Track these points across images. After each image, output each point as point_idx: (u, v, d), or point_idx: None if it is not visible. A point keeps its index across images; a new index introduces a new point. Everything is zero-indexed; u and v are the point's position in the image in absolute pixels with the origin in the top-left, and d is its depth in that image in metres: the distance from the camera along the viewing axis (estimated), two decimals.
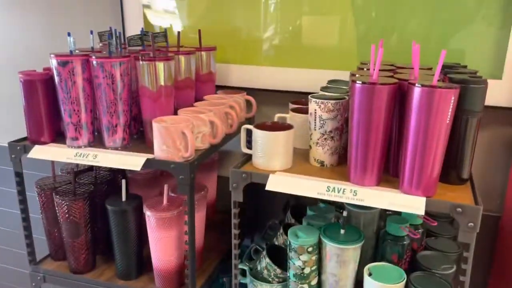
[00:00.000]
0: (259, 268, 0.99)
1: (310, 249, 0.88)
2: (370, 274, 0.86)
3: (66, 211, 1.04)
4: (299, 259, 0.88)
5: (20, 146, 1.02)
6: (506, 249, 1.07)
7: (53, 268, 1.13)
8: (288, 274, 0.92)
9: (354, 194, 0.79)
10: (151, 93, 0.97)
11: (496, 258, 1.15)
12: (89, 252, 1.10)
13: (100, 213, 1.11)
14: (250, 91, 1.25)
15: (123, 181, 1.03)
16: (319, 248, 0.89)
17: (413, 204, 0.74)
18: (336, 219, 1.02)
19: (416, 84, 0.71)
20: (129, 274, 1.08)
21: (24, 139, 1.05)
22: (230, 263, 1.00)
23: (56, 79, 0.95)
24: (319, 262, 0.90)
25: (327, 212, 1.03)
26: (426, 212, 0.75)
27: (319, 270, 0.91)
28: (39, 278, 1.13)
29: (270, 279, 0.97)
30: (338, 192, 0.80)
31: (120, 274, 1.08)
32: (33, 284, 1.13)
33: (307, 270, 0.89)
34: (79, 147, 0.99)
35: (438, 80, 0.73)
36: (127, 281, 1.08)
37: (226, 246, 1.22)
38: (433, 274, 0.86)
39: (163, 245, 1.00)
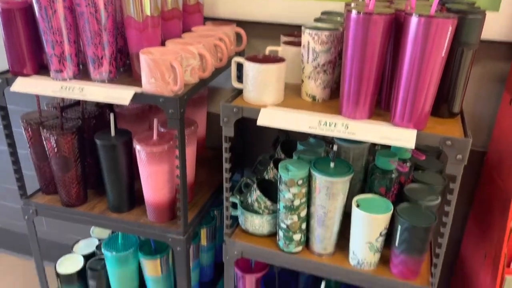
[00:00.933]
0: (249, 201, 1.01)
1: (300, 182, 0.89)
2: (358, 205, 0.88)
3: (55, 145, 1.02)
4: (289, 191, 0.90)
5: (2, 79, 0.99)
6: (488, 184, 1.10)
7: (44, 202, 1.14)
8: (278, 206, 0.94)
9: (346, 127, 0.79)
10: (137, 24, 0.93)
11: (478, 192, 1.18)
12: (80, 186, 1.10)
13: (90, 147, 1.10)
14: (240, 23, 1.20)
15: (111, 115, 1.02)
16: (309, 181, 0.91)
17: (404, 137, 0.75)
18: (326, 154, 1.03)
19: (413, 14, 0.69)
20: (121, 207, 1.09)
21: (6, 72, 1.02)
22: (221, 197, 1.02)
23: (36, 7, 0.90)
24: (309, 195, 0.92)
25: (317, 146, 1.04)
26: (416, 146, 0.76)
27: (308, 202, 0.93)
28: (31, 211, 1.14)
29: (261, 211, 1.00)
30: (330, 126, 0.80)
31: (112, 207, 1.10)
32: (26, 217, 1.15)
33: (296, 202, 0.91)
34: (64, 79, 0.96)
35: (436, 11, 0.71)
36: (120, 213, 1.09)
37: (217, 181, 1.24)
38: (419, 205, 0.89)
39: (154, 180, 1.01)
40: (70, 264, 1.27)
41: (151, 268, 1.16)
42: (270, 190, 1.02)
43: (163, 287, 1.19)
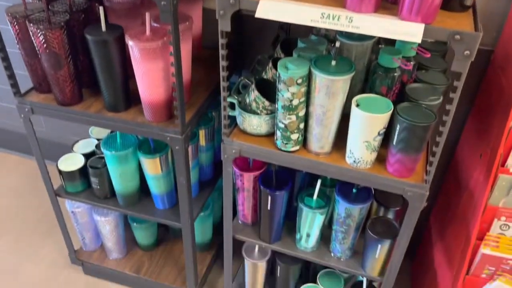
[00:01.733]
0: (247, 101, 0.99)
1: (299, 81, 0.87)
2: (357, 105, 0.87)
3: (43, 41, 0.98)
4: (288, 90, 0.88)
5: None
6: (491, 84, 1.08)
7: (39, 100, 1.12)
8: (277, 106, 0.93)
9: (350, 21, 0.74)
10: None
11: (480, 93, 1.16)
12: (74, 84, 1.08)
13: (81, 44, 1.05)
14: None
15: (101, 8, 0.95)
16: (308, 79, 0.88)
17: (410, 31, 0.71)
18: (327, 52, 0.99)
19: None
20: (117, 106, 1.08)
21: None
22: (219, 98, 1.00)
23: None
24: (308, 94, 0.90)
25: (319, 44, 0.99)
26: (422, 42, 0.72)
27: (307, 102, 0.91)
28: (26, 110, 1.13)
29: (259, 111, 0.98)
30: (333, 19, 0.75)
31: (108, 106, 1.08)
32: (22, 116, 1.14)
33: (295, 102, 0.89)
34: None
35: None
36: (116, 112, 1.08)
37: (214, 81, 1.21)
38: (419, 105, 0.87)
39: (149, 78, 0.98)
40: (71, 162, 1.30)
41: (151, 166, 1.18)
42: (269, 90, 1.00)
43: (164, 184, 1.22)
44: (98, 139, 1.38)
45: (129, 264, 1.50)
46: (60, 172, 1.28)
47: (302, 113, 0.92)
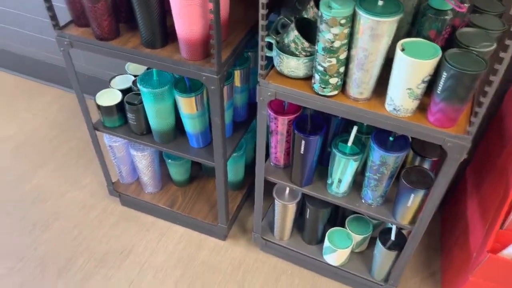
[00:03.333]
0: (286, 41, 0.96)
1: (343, 21, 0.82)
2: (403, 50, 0.82)
3: None
4: (330, 32, 0.84)
5: None
6: None
7: (77, 34, 1.12)
8: (317, 48, 0.89)
9: None
10: None
11: None
12: (112, 18, 1.06)
13: None
14: None
15: None
16: (352, 20, 0.83)
17: None
18: None
19: None
20: (154, 43, 1.07)
21: None
22: (256, 38, 0.97)
23: None
24: (350, 36, 0.86)
25: None
26: None
27: (349, 44, 0.87)
28: (66, 43, 1.13)
29: (297, 53, 0.95)
30: None
31: (145, 42, 1.07)
32: (61, 49, 1.15)
33: (337, 44, 0.86)
34: None
35: None
36: (153, 49, 1.07)
37: (252, 20, 1.17)
38: (470, 51, 0.82)
39: (187, 14, 0.95)
40: (109, 97, 1.32)
41: (186, 105, 1.18)
42: (309, 31, 0.96)
43: (198, 123, 1.23)
44: (134, 76, 1.39)
45: (164, 198, 1.56)
46: (99, 106, 1.31)
47: (343, 56, 0.89)
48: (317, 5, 0.98)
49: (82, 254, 1.49)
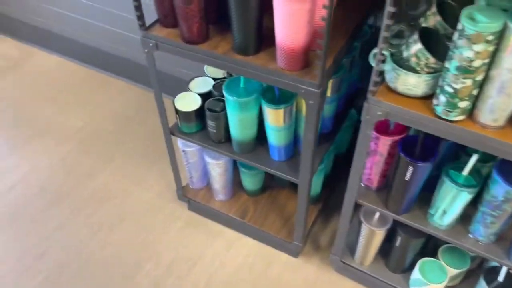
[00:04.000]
0: (405, 54, 0.83)
1: (490, 38, 0.68)
2: None
3: None
4: (471, 49, 0.70)
5: None
6: None
7: (164, 35, 1.04)
8: (448, 66, 0.76)
9: None
10: None
11: None
12: (203, 21, 0.97)
13: None
14: None
15: None
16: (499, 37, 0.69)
17: None
18: None
19: None
20: (247, 49, 0.96)
21: None
22: (355, 43, 0.85)
23: None
24: (493, 54, 0.72)
25: None
26: None
27: (490, 64, 0.73)
28: (151, 45, 1.05)
29: (419, 69, 0.82)
30: None
31: (237, 48, 0.97)
32: (146, 50, 1.07)
33: (477, 63, 0.72)
34: None
35: None
36: (245, 56, 0.97)
37: (352, 25, 1.04)
38: None
39: (293, 21, 0.84)
40: (188, 102, 1.24)
41: (274, 117, 1.08)
42: (431, 43, 0.82)
43: (284, 136, 1.13)
44: (214, 79, 1.30)
45: (234, 207, 1.48)
46: (177, 111, 1.23)
47: (480, 77, 0.74)
48: (441, 11, 0.84)
49: (149, 259, 1.44)
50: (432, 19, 0.86)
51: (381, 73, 0.86)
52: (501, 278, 1.06)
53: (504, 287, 1.06)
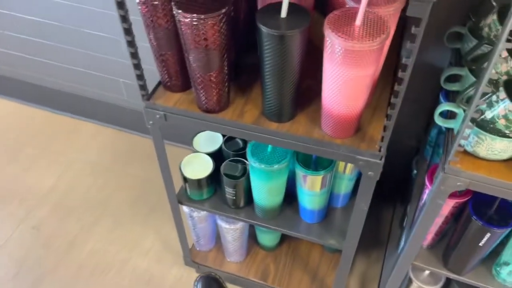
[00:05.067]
0: (489, 115, 0.69)
1: None
2: None
3: (195, 34, 0.68)
4: None
5: None
6: None
7: (174, 104, 0.84)
8: None
9: None
10: None
11: None
12: (225, 87, 0.79)
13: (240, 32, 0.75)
14: None
15: None
16: None
17: None
18: None
19: None
20: (281, 115, 0.79)
21: None
22: None
23: None
24: None
25: None
26: None
27: None
28: (158, 116, 0.85)
29: (508, 132, 0.68)
30: None
31: (268, 113, 0.80)
32: (151, 122, 0.87)
33: None
34: None
35: None
36: (279, 122, 0.80)
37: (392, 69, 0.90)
38: None
39: (351, 88, 0.68)
40: (197, 166, 1.05)
41: (311, 183, 0.92)
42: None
43: (319, 201, 0.97)
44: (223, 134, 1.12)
45: (252, 268, 1.31)
46: (186, 179, 1.04)
47: None
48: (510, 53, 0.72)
49: None
50: (503, 65, 0.73)
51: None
52: None
53: None
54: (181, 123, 0.84)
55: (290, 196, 1.03)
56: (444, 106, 0.73)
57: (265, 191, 0.96)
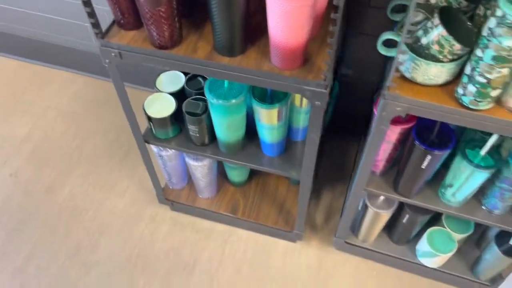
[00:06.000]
0: (424, 42, 0.73)
1: None
2: None
3: None
4: None
5: None
6: None
7: (128, 42, 0.86)
8: (480, 55, 0.67)
9: None
10: None
11: None
12: (176, 22, 0.81)
13: None
14: None
15: None
16: None
17: None
18: None
19: None
20: (232, 49, 0.82)
21: None
22: (353, 31, 0.74)
23: None
24: None
25: None
26: None
27: None
28: (113, 55, 0.87)
29: (441, 57, 0.72)
30: None
31: (220, 48, 0.82)
32: (107, 61, 0.89)
33: None
34: None
35: None
36: (231, 57, 0.83)
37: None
38: None
39: (294, 18, 0.70)
40: (160, 105, 1.08)
41: (267, 117, 0.96)
42: (449, 25, 0.72)
43: (277, 133, 1.02)
44: (184, 73, 1.14)
45: (223, 203, 1.38)
46: (150, 118, 1.08)
47: None
48: None
49: (141, 275, 1.33)
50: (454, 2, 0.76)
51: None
52: None
53: None
54: (136, 60, 0.87)
55: (252, 132, 1.08)
56: (385, 35, 0.76)
57: (225, 126, 1.01)
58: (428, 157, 0.87)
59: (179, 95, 1.10)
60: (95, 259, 1.36)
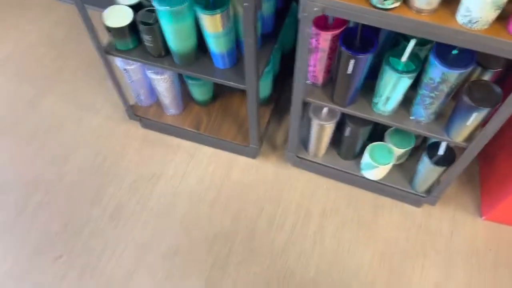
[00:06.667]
0: None
1: None
2: None
3: None
4: None
5: None
6: None
7: None
8: None
9: None
10: None
11: None
12: None
13: None
14: None
15: None
16: None
17: None
18: None
19: None
20: None
21: None
22: None
23: None
24: None
25: None
26: None
27: None
28: None
29: None
30: None
31: None
32: None
33: None
34: None
35: None
36: None
37: None
38: None
39: None
40: (118, 16, 1.15)
41: (211, 24, 1.03)
42: None
43: (224, 42, 1.09)
44: None
45: (188, 119, 1.47)
46: (108, 28, 1.15)
47: None
48: None
49: (110, 183, 1.45)
50: None
51: None
52: (441, 151, 1.14)
53: (444, 159, 1.15)
54: None
55: (204, 46, 1.14)
56: None
57: (175, 34, 1.08)
58: (352, 61, 0.94)
59: (138, 8, 1.16)
60: (68, 168, 1.48)
